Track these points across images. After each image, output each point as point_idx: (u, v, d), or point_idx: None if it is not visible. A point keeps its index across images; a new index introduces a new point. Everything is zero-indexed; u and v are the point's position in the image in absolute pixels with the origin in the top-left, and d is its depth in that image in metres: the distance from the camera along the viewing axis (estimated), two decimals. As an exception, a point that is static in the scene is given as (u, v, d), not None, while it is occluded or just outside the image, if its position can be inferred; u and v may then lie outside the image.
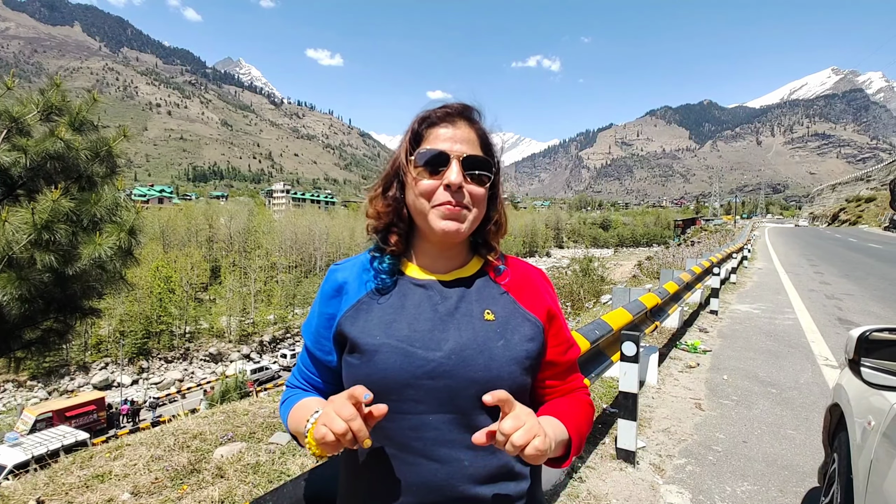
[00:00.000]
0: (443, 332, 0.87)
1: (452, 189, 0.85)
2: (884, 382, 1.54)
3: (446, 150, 0.86)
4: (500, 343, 0.86)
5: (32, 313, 5.02)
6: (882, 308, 8.64)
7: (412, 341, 0.85)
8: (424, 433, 0.82)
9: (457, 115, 0.91)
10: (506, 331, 0.88)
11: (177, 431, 3.66)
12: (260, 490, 2.78)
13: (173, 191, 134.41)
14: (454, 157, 0.86)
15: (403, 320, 0.88)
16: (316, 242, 67.54)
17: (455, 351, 0.84)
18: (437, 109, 0.91)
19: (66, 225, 4.56)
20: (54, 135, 4.81)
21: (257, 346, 46.08)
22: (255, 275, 52.99)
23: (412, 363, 0.83)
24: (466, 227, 0.87)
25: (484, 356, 0.84)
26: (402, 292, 0.93)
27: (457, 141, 0.88)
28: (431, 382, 0.82)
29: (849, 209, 55.66)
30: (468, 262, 0.97)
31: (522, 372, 0.87)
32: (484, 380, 0.83)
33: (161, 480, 2.94)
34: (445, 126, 0.90)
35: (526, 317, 0.91)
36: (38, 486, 3.00)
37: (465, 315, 0.89)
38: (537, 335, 0.91)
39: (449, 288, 0.93)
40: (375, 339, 0.86)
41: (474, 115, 0.93)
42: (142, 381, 37.99)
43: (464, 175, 0.86)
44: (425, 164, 0.87)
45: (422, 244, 0.95)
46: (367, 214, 1.01)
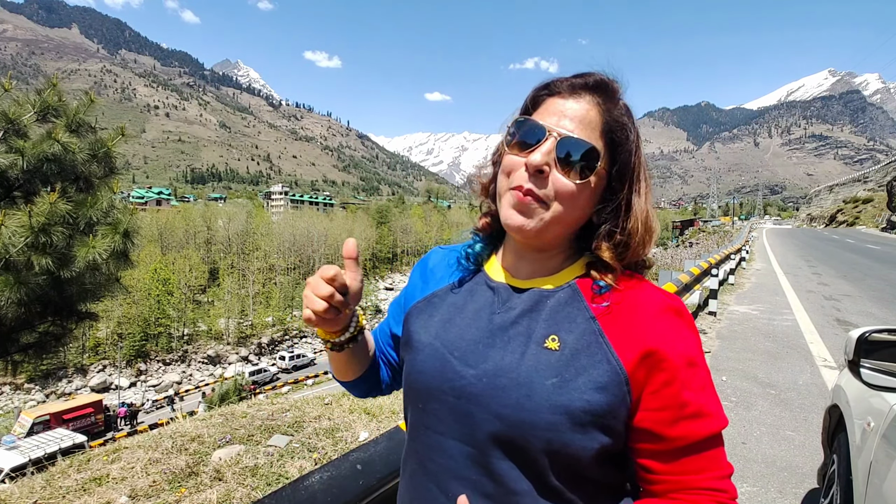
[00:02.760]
0: (487, 346, 0.73)
1: (530, 171, 0.69)
2: (883, 384, 1.54)
3: (546, 125, 0.70)
4: (552, 381, 0.66)
5: (29, 317, 5.00)
6: (880, 309, 8.66)
7: (454, 349, 0.75)
8: (440, 458, 0.72)
9: (583, 89, 0.72)
10: (568, 367, 0.67)
11: (175, 434, 3.64)
12: (258, 493, 2.77)
13: (171, 193, 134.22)
14: (552, 133, 0.69)
15: (458, 323, 0.78)
16: (314, 244, 67.47)
17: (489, 374, 0.70)
18: (566, 78, 0.74)
19: (63, 228, 4.54)
20: (51, 136, 4.80)
21: (255, 349, 46.04)
22: (253, 277, 52.97)
23: (444, 374, 0.73)
24: (536, 225, 0.69)
25: (521, 391, 0.67)
26: (471, 290, 0.81)
27: (567, 116, 0.70)
28: (455, 401, 0.71)
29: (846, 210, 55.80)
30: (560, 271, 0.77)
31: (574, 429, 0.64)
32: (512, 420, 0.66)
33: (159, 483, 2.92)
34: (564, 97, 0.72)
35: (607, 356, 0.67)
36: (35, 490, 2.98)
37: (521, 334, 0.72)
38: (613, 385, 0.65)
39: (518, 296, 0.76)
40: (424, 338, 0.79)
41: (609, 93, 0.73)
42: (140, 383, 37.91)
43: (556, 160, 0.68)
44: (518, 137, 0.72)
45: (509, 238, 0.80)
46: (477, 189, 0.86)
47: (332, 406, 4.21)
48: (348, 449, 3.32)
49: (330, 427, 3.66)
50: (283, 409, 4.14)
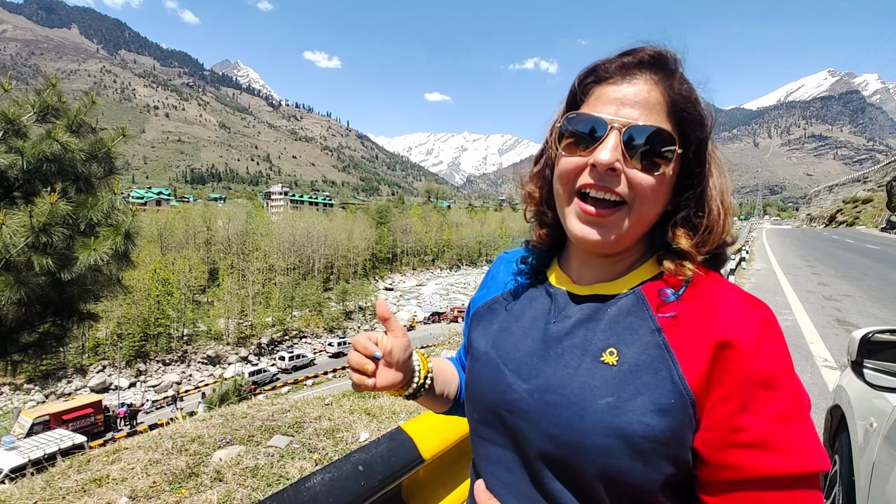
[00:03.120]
0: (541, 359, 0.67)
1: (600, 171, 0.61)
2: (886, 384, 1.54)
3: (605, 117, 0.62)
4: (607, 400, 0.58)
5: (29, 317, 5.00)
6: (880, 309, 8.65)
7: (508, 359, 0.70)
8: (498, 471, 0.68)
9: (637, 67, 0.63)
10: (626, 385, 0.59)
11: (175, 435, 3.64)
12: (259, 494, 2.76)
13: (171, 193, 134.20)
14: (614, 126, 0.61)
15: (514, 332, 0.73)
16: (314, 245, 67.46)
17: (540, 389, 0.64)
18: (614, 58, 0.65)
19: (63, 228, 4.53)
20: (51, 136, 4.80)
21: (255, 349, 46.02)
22: (253, 277, 52.94)
23: (497, 385, 0.69)
24: (617, 234, 0.63)
25: (572, 410, 0.60)
26: (531, 297, 0.75)
27: (626, 104, 0.62)
28: (507, 416, 0.66)
29: (846, 210, 55.83)
30: (626, 275, 0.68)
31: (633, 456, 0.56)
32: (562, 441, 0.60)
33: (159, 484, 2.92)
34: (616, 82, 0.64)
35: (672, 374, 0.58)
36: (35, 491, 2.98)
37: (577, 346, 0.65)
38: (677, 408, 0.56)
39: (576, 304, 0.69)
40: (481, 346, 0.75)
41: (667, 67, 0.64)
42: (139, 383, 37.88)
43: (625, 154, 0.61)
44: (573, 135, 0.64)
45: (570, 243, 0.73)
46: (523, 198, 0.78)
47: (332, 406, 4.21)
48: (349, 450, 3.32)
49: (330, 427, 3.66)
50: (284, 409, 4.13)
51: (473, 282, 77.45)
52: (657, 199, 0.63)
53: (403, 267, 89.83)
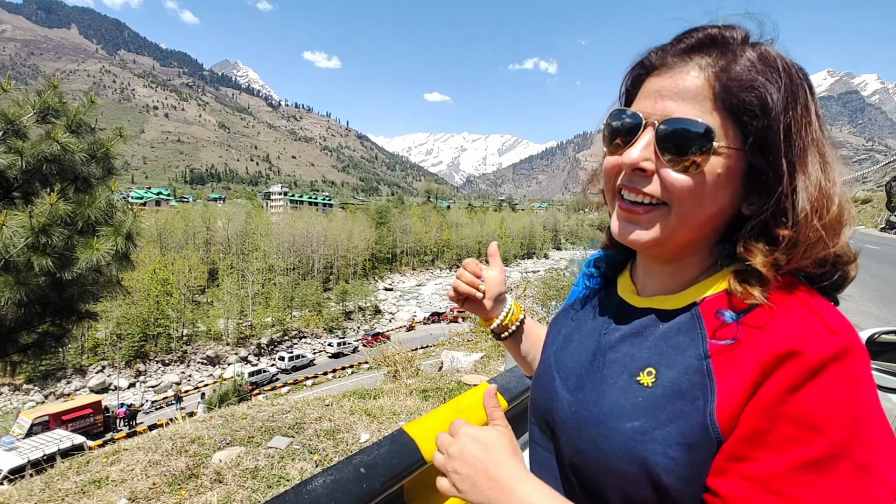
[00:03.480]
0: (586, 372, 0.64)
1: (626, 172, 0.58)
2: (893, 385, 1.53)
3: (641, 111, 0.57)
4: (633, 424, 0.54)
5: (29, 317, 4.99)
6: (880, 309, 8.65)
7: (562, 368, 0.69)
8: (545, 475, 0.64)
9: (686, 54, 0.57)
10: (657, 411, 0.53)
11: (174, 436, 3.62)
12: (259, 495, 2.75)
13: (170, 193, 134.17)
14: (649, 121, 0.56)
15: (574, 340, 0.71)
16: (314, 245, 67.46)
17: (578, 403, 0.62)
18: (660, 47, 0.59)
19: (62, 228, 4.52)
20: (51, 137, 4.78)
21: (255, 349, 46.00)
22: (252, 277, 52.92)
23: (547, 392, 0.68)
24: (654, 235, 0.57)
25: (598, 429, 0.57)
26: (598, 305, 0.72)
27: (665, 95, 0.56)
28: (551, 423, 0.65)
29: (845, 210, 55.88)
30: (690, 286, 0.60)
31: (653, 487, 0.51)
32: (588, 459, 0.57)
33: (159, 486, 2.90)
34: (661, 72, 0.58)
35: (705, 407, 0.50)
36: (34, 492, 2.96)
37: (619, 362, 0.61)
38: (703, 446, 0.50)
39: (629, 316, 0.65)
40: (547, 351, 0.75)
41: (724, 47, 0.55)
42: (139, 384, 37.85)
43: (658, 151, 0.55)
44: (613, 132, 0.60)
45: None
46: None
47: (332, 407, 4.19)
48: (349, 450, 3.31)
49: (330, 428, 3.65)
50: (284, 410, 4.12)
51: (473, 282, 77.03)
52: (700, 202, 0.55)
53: (403, 267, 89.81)
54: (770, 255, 0.53)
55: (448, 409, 1.70)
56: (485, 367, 5.88)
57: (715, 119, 0.53)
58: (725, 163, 0.54)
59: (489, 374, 5.33)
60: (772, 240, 0.53)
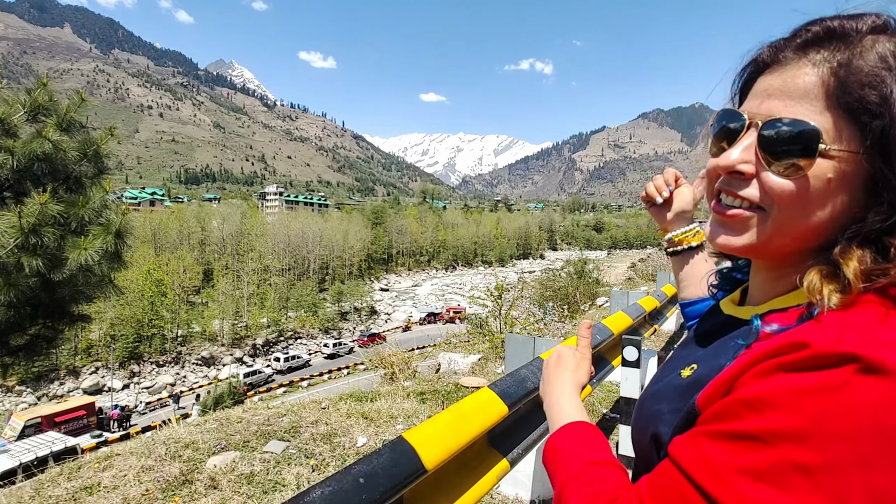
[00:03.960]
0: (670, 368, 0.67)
1: (724, 173, 0.56)
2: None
3: (746, 111, 0.55)
4: (658, 407, 0.60)
5: (20, 319, 4.91)
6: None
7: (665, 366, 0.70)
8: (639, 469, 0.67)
9: (801, 49, 0.52)
10: (678, 399, 0.57)
11: (168, 440, 3.56)
12: (254, 502, 2.70)
13: (165, 193, 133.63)
14: (753, 121, 0.53)
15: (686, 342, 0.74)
16: (309, 245, 67.32)
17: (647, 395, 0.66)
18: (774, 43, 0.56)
19: (53, 228, 4.46)
20: (42, 136, 4.72)
21: (250, 350, 45.82)
22: (247, 278, 52.73)
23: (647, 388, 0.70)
24: (748, 241, 0.54)
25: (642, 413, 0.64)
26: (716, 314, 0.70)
27: (772, 95, 0.53)
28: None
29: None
30: (774, 297, 0.57)
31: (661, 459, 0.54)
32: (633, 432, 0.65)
33: (152, 492, 2.85)
34: (772, 70, 0.54)
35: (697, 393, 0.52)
36: (24, 499, 2.90)
37: (681, 359, 0.65)
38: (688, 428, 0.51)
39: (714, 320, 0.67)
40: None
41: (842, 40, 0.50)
42: (133, 385, 37.61)
43: (759, 154, 0.52)
44: (718, 132, 0.58)
45: None
46: None
47: (328, 410, 4.14)
48: (346, 455, 3.26)
49: (327, 432, 3.60)
50: (280, 413, 4.07)
51: (469, 282, 77.36)
52: (804, 209, 0.50)
53: (399, 267, 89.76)
54: (869, 265, 0.47)
55: (448, 416, 1.67)
56: (483, 369, 5.84)
57: (826, 119, 0.49)
58: (838, 167, 0.49)
59: (487, 377, 5.29)
60: (882, 250, 0.48)
